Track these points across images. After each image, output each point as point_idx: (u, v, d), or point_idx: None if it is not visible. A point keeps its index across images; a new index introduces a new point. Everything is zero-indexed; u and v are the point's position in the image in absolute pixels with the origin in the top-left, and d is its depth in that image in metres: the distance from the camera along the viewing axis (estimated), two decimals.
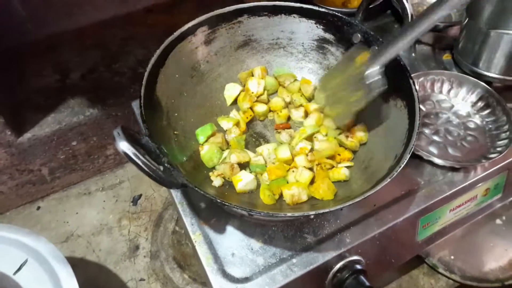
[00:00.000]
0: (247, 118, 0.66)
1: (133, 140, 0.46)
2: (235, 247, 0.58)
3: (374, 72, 0.55)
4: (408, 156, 0.49)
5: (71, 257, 0.85)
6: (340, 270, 0.58)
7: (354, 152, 0.62)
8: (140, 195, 0.95)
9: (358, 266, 0.59)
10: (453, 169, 0.65)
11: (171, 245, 0.86)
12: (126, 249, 0.86)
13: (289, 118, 0.68)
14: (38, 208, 0.93)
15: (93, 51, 0.97)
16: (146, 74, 0.56)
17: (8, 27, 0.92)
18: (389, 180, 0.48)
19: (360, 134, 0.62)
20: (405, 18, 0.61)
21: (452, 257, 0.81)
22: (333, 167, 0.60)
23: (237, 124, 0.65)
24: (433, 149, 0.67)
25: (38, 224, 0.90)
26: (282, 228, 0.59)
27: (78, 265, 0.83)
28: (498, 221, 0.85)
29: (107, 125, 0.89)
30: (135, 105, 0.76)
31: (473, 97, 0.73)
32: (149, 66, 0.57)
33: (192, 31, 0.64)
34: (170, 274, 0.82)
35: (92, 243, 0.87)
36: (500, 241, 0.83)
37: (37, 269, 0.61)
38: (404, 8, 0.59)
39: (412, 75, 0.72)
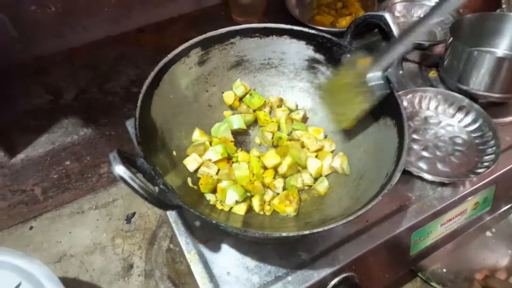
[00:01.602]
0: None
1: (128, 162, 0.46)
2: (231, 266, 0.58)
3: (375, 76, 0.58)
4: (399, 174, 0.51)
5: (64, 277, 0.84)
6: (335, 286, 0.58)
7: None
8: (134, 213, 0.95)
9: (353, 282, 0.59)
10: (442, 184, 0.67)
11: (165, 263, 0.86)
12: (120, 268, 0.86)
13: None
14: (31, 228, 0.92)
15: (86, 71, 0.97)
16: (141, 96, 0.57)
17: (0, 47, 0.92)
18: (380, 198, 0.49)
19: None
20: (391, 37, 0.63)
21: (444, 270, 0.82)
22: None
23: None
24: (422, 165, 0.69)
25: (31, 244, 0.89)
26: (277, 246, 0.60)
27: (71, 285, 0.83)
28: (488, 234, 0.87)
29: (100, 144, 0.90)
30: (129, 124, 0.77)
31: (460, 113, 0.75)
32: (144, 87, 0.58)
33: (185, 52, 0.65)
34: None
35: (86, 263, 0.86)
36: (490, 254, 0.84)
37: None
38: (390, 30, 0.61)
39: (400, 92, 0.75)
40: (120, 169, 0.43)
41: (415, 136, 0.73)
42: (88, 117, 0.88)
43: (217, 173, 0.62)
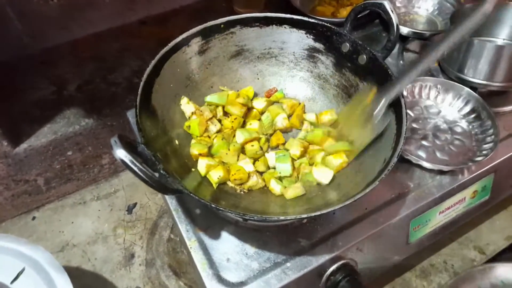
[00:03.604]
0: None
1: (129, 148, 0.47)
2: (230, 252, 0.59)
3: (380, 111, 0.58)
4: (396, 159, 0.51)
5: (66, 266, 0.85)
6: (333, 273, 0.59)
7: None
8: (135, 204, 0.96)
9: (351, 269, 0.60)
10: (441, 172, 0.67)
11: (166, 252, 0.87)
12: (122, 258, 0.86)
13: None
14: (34, 218, 0.93)
15: (89, 63, 0.98)
16: (141, 83, 0.57)
17: (5, 40, 0.93)
18: (378, 182, 0.49)
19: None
20: (390, 27, 0.64)
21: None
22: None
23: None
24: (422, 153, 0.69)
25: (34, 234, 0.90)
26: (276, 233, 0.61)
27: (74, 274, 0.82)
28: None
29: (102, 134, 0.90)
30: (130, 114, 0.77)
31: (459, 103, 0.75)
32: (145, 75, 0.59)
33: (186, 41, 0.65)
34: (166, 281, 0.82)
35: (88, 252, 0.87)
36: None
37: (34, 277, 0.62)
38: (389, 18, 0.61)
39: None
40: (121, 153, 0.44)
41: (414, 125, 0.74)
42: (91, 107, 0.89)
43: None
